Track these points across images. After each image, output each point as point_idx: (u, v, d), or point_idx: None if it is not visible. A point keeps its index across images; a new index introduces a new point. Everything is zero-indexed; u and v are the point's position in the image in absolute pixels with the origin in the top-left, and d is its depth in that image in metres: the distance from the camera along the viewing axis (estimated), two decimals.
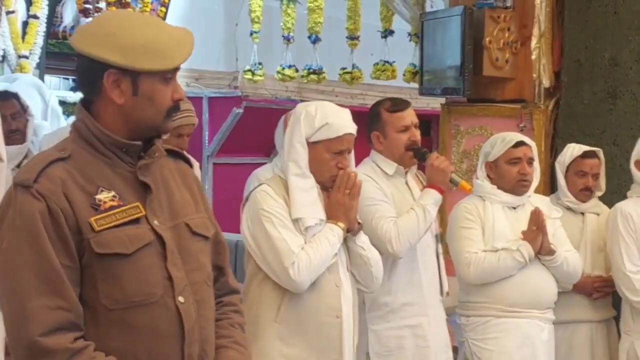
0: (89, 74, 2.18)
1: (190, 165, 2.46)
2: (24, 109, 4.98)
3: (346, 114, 3.34)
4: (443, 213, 4.48)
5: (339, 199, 3.28)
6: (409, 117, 3.88)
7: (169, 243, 2.20)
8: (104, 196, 2.14)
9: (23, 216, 2.06)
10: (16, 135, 4.81)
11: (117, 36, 2.15)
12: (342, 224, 3.29)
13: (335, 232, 3.26)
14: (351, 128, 3.31)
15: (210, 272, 2.35)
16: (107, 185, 2.16)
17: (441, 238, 4.03)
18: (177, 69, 2.22)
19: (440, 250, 3.97)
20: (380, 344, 3.81)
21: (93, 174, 2.16)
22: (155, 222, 2.20)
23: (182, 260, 2.22)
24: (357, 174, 3.34)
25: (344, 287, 3.31)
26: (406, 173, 3.93)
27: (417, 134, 3.88)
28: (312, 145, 3.26)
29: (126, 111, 2.19)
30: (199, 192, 2.41)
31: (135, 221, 2.16)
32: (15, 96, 4.99)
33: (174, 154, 2.42)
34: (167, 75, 2.20)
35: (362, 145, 4.41)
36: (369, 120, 3.95)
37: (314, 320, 3.23)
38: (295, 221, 3.23)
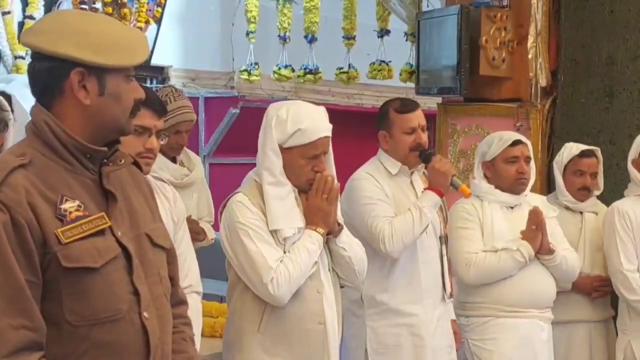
0: (51, 74, 2.06)
1: (141, 170, 2.34)
2: None
3: (319, 115, 3.23)
4: None
5: (317, 203, 3.21)
6: (416, 119, 3.87)
7: (134, 256, 2.10)
8: (69, 206, 2.02)
9: None
10: None
11: (84, 34, 2.06)
12: (321, 230, 3.22)
13: (314, 239, 3.20)
14: (325, 131, 3.21)
15: (169, 285, 2.26)
16: (70, 193, 2.04)
17: (446, 239, 4.02)
18: (134, 68, 2.14)
19: (445, 252, 3.96)
20: (377, 341, 3.83)
21: (55, 182, 2.03)
22: (119, 233, 2.09)
23: (144, 274, 2.13)
24: (334, 178, 3.25)
25: (326, 292, 3.26)
26: (412, 173, 3.93)
27: (423, 137, 3.87)
28: (285, 150, 3.17)
29: (91, 112, 2.08)
30: (152, 199, 2.31)
31: (101, 232, 2.05)
32: None
33: None
34: (129, 74, 2.12)
35: (359, 144, 4.42)
36: (378, 118, 3.95)
37: (297, 329, 3.20)
38: (274, 232, 3.17)
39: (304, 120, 3.17)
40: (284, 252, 3.16)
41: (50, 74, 2.07)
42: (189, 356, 2.31)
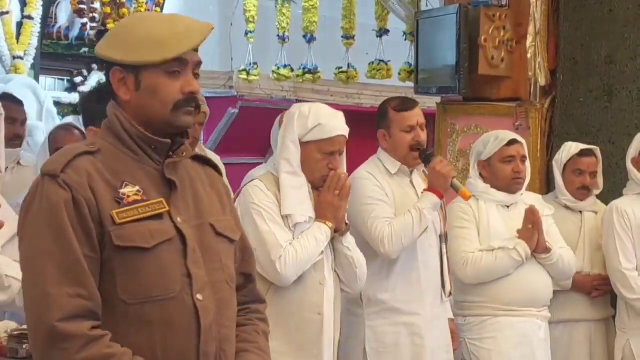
0: (106, 74, 2.27)
1: (220, 174, 2.47)
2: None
3: (339, 116, 3.40)
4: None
5: (329, 199, 3.34)
6: (415, 117, 3.89)
7: (191, 240, 2.20)
8: (128, 190, 2.16)
9: (48, 204, 2.10)
10: (16, 142, 4.78)
11: (119, 34, 2.25)
12: (330, 224, 3.35)
13: (323, 231, 3.33)
14: (343, 130, 3.37)
15: (233, 274, 2.34)
16: (133, 180, 2.18)
17: (446, 238, 4.02)
18: (185, 62, 2.22)
19: (445, 250, 3.97)
20: (376, 340, 3.83)
21: (119, 169, 2.19)
22: (179, 219, 2.20)
23: (204, 259, 2.23)
24: (347, 176, 3.39)
25: (328, 286, 3.38)
26: (412, 172, 3.93)
27: (422, 135, 3.89)
28: (304, 145, 3.33)
29: (133, 107, 2.22)
30: (227, 198, 2.42)
31: (159, 217, 2.18)
32: (22, 103, 5.01)
33: (203, 160, 2.44)
34: (172, 69, 2.21)
35: (358, 144, 4.39)
36: (378, 117, 3.97)
37: (295, 316, 3.31)
38: (285, 217, 3.30)
39: (324, 117, 3.35)
40: (292, 238, 3.29)
41: (106, 74, 2.28)
42: (258, 346, 2.37)
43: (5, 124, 4.57)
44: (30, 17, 7.13)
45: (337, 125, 3.36)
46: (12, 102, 4.81)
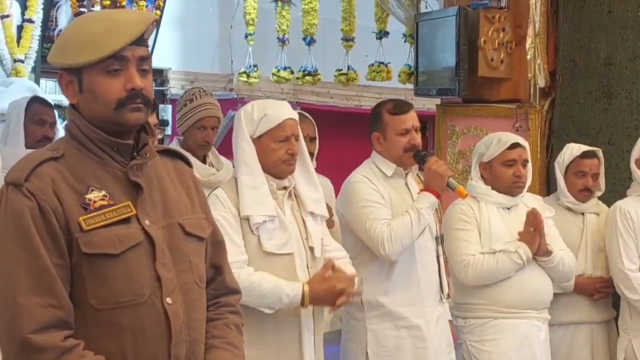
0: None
1: (190, 166, 2.44)
2: None
3: (284, 104, 3.42)
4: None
5: None
6: (410, 120, 3.88)
7: (159, 243, 2.19)
8: (94, 195, 2.14)
9: (13, 214, 2.08)
10: (45, 142, 4.83)
11: (64, 38, 2.23)
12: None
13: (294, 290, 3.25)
14: (290, 114, 3.36)
15: (203, 274, 2.33)
16: (98, 184, 2.16)
17: (442, 240, 4.03)
18: (124, 58, 2.16)
19: (441, 252, 3.97)
20: (378, 344, 3.82)
21: (84, 173, 2.16)
22: (147, 222, 2.19)
23: (173, 261, 2.21)
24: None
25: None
26: (406, 174, 3.93)
27: (417, 138, 3.89)
28: (257, 140, 3.32)
29: (81, 109, 2.21)
30: (196, 192, 2.39)
31: (126, 221, 2.16)
32: (52, 106, 5.08)
33: (172, 153, 2.41)
34: (110, 67, 2.16)
35: (358, 145, 4.39)
36: (371, 120, 3.96)
37: (272, 320, 3.24)
38: (245, 219, 3.25)
39: (268, 107, 3.35)
40: (258, 240, 3.24)
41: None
42: (227, 341, 2.34)
43: (35, 126, 4.71)
44: (30, 21, 7.14)
45: (283, 111, 3.35)
46: (41, 104, 4.90)
